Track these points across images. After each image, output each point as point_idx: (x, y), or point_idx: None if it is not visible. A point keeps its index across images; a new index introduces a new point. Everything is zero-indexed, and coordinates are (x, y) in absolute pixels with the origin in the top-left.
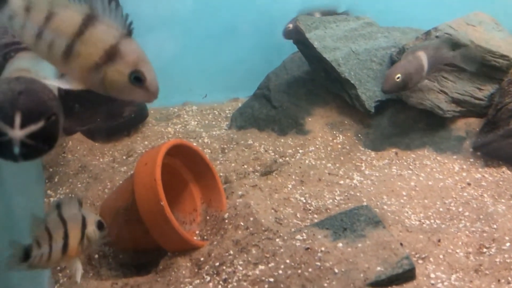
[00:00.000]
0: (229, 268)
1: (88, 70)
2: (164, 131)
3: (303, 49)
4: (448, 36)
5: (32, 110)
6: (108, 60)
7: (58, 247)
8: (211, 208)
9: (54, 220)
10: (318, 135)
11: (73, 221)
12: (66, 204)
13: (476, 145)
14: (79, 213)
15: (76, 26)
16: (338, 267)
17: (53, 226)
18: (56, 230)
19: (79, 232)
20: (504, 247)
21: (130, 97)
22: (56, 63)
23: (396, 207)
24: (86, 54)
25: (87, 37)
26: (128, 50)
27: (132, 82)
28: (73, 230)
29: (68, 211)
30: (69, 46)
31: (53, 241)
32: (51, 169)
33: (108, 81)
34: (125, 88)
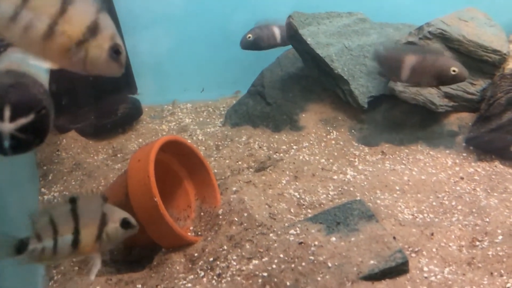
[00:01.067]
0: (223, 263)
1: (69, 49)
2: (158, 129)
3: (297, 45)
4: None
5: (22, 103)
6: (90, 37)
7: (65, 242)
8: (205, 204)
9: (63, 214)
10: (312, 131)
11: (89, 217)
12: (84, 199)
13: (469, 139)
14: (98, 210)
15: (57, 4)
16: (331, 261)
17: (60, 220)
18: (63, 224)
19: (96, 228)
20: (496, 240)
21: (106, 72)
22: (33, 46)
23: (389, 201)
24: (69, 32)
25: (69, 15)
26: (106, 25)
27: (111, 56)
28: (88, 226)
29: (85, 207)
30: (51, 26)
31: (58, 234)
32: (45, 167)
33: (90, 58)
34: (104, 63)
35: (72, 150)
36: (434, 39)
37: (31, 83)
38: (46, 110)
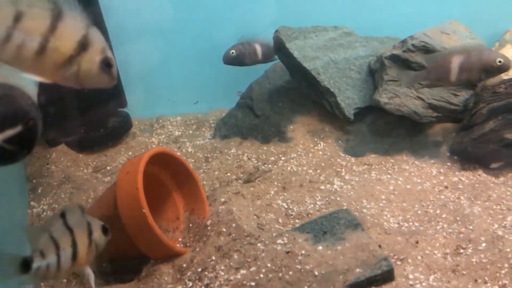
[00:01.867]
0: (211, 273)
1: (62, 65)
2: (148, 142)
3: (284, 59)
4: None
5: (9, 115)
6: (81, 51)
7: (67, 256)
8: (194, 215)
9: (60, 228)
10: (299, 142)
11: (80, 228)
12: (69, 212)
13: (453, 149)
14: (84, 220)
15: (47, 22)
16: (318, 269)
17: (59, 234)
18: (63, 239)
19: (87, 238)
20: (480, 247)
21: (98, 85)
22: (26, 64)
23: (375, 210)
24: (61, 48)
25: (60, 32)
26: (96, 39)
27: (103, 69)
28: (81, 237)
29: (73, 219)
30: (42, 44)
31: (60, 250)
32: (34, 180)
33: (82, 72)
34: (96, 76)
35: (61, 164)
36: (417, 51)
37: (19, 95)
38: (33, 121)
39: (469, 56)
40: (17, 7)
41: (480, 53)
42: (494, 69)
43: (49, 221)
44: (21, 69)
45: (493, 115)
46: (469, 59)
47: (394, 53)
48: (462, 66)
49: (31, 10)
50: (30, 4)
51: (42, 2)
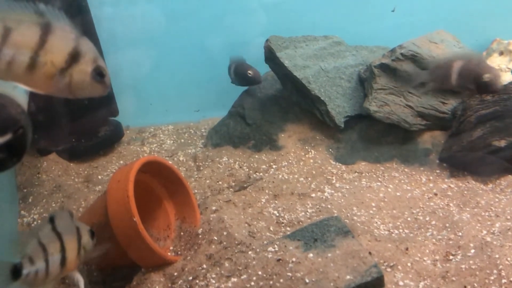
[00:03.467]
0: (202, 281)
1: (54, 77)
2: (139, 150)
3: (275, 68)
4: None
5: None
6: (73, 63)
7: (56, 261)
8: (185, 224)
9: (48, 234)
10: (291, 151)
11: (69, 233)
12: (58, 217)
13: (442, 156)
14: (72, 225)
15: (37, 36)
16: (309, 277)
17: (48, 240)
18: (52, 244)
19: (76, 243)
20: (469, 253)
21: (92, 94)
22: (18, 79)
23: (365, 217)
24: (52, 62)
25: (50, 45)
26: (87, 49)
27: (95, 79)
28: (70, 243)
29: (62, 224)
30: (33, 58)
31: (49, 255)
32: (25, 189)
33: (74, 83)
34: (89, 86)
35: (52, 173)
36: (406, 60)
37: (9, 103)
38: (23, 129)
39: (469, 63)
40: (5, 24)
41: (478, 63)
42: (482, 84)
43: (38, 226)
44: (13, 82)
45: (481, 122)
46: (468, 66)
47: (383, 62)
48: (461, 71)
49: (20, 26)
50: (18, 20)
51: (30, 16)
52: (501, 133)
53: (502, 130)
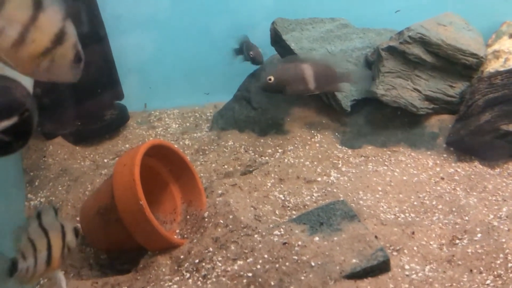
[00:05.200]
0: (209, 264)
1: (38, 57)
2: (145, 134)
3: (281, 50)
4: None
5: (5, 106)
6: (57, 44)
7: (43, 259)
8: (191, 207)
9: (36, 230)
10: (296, 135)
11: (54, 231)
12: (44, 213)
13: (449, 140)
14: (57, 222)
15: (29, 11)
16: (314, 260)
17: (36, 236)
18: (39, 241)
19: (61, 241)
20: (475, 238)
21: (68, 79)
22: (3, 53)
23: (371, 201)
24: (39, 40)
25: (40, 22)
26: (71, 32)
27: (74, 64)
28: (56, 240)
29: (48, 220)
30: (22, 34)
31: (37, 252)
32: (31, 173)
33: (56, 65)
34: (66, 70)
35: (58, 156)
36: (414, 43)
37: (14, 86)
38: (29, 112)
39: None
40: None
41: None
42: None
43: (27, 221)
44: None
45: (489, 106)
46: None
47: (391, 45)
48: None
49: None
50: None
51: None
52: (510, 117)
53: (511, 114)
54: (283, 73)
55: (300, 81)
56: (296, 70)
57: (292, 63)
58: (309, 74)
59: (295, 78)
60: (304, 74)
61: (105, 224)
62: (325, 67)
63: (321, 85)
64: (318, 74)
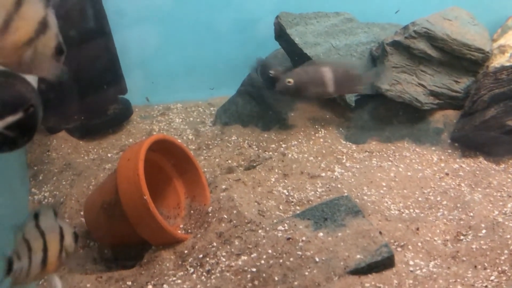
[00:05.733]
0: (213, 259)
1: (21, 47)
2: (148, 129)
3: (285, 45)
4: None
5: (10, 101)
6: (40, 34)
7: (37, 261)
8: (195, 202)
9: (32, 230)
10: (300, 130)
11: (52, 233)
12: (43, 213)
13: (454, 136)
14: (56, 224)
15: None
16: (318, 255)
17: (31, 237)
18: (35, 242)
19: (58, 244)
20: (480, 234)
21: (47, 72)
22: None
23: (376, 197)
24: (24, 28)
25: (24, 10)
26: (52, 21)
27: (56, 55)
28: (53, 243)
29: (46, 221)
30: (6, 22)
31: (32, 253)
32: (35, 167)
33: (38, 56)
34: (48, 62)
35: (62, 151)
36: (419, 38)
37: (19, 81)
38: (34, 108)
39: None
40: None
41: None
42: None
43: (24, 221)
44: None
45: (495, 102)
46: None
47: (396, 40)
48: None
49: None
50: None
51: None
52: None
53: None
54: (303, 76)
55: (320, 84)
56: (315, 73)
57: (311, 66)
58: (328, 77)
59: (314, 81)
60: (324, 77)
61: (109, 219)
62: (344, 70)
63: (340, 88)
64: (337, 77)
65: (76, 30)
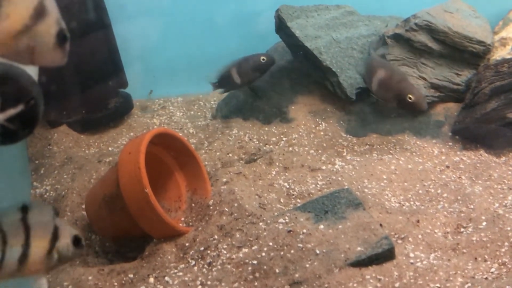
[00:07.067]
0: (214, 252)
1: (15, 35)
2: (149, 122)
3: (286, 38)
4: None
5: (11, 94)
6: (37, 20)
7: (13, 256)
8: (196, 195)
9: (14, 223)
10: (301, 123)
11: (40, 230)
12: (36, 209)
13: (455, 129)
14: (50, 223)
15: None
16: (319, 248)
17: (11, 229)
18: (14, 235)
19: (47, 243)
20: (480, 226)
21: (51, 62)
22: None
23: (376, 190)
24: (16, 15)
25: None
26: (51, 6)
27: (58, 43)
28: (38, 240)
29: (37, 218)
30: None
31: (7, 247)
32: (37, 161)
33: (38, 45)
34: (50, 51)
35: (63, 144)
36: (420, 30)
37: (20, 74)
38: (35, 100)
39: (389, 76)
40: None
41: (399, 80)
42: (406, 103)
43: (5, 212)
44: None
45: (496, 94)
46: (388, 79)
47: (397, 32)
48: (381, 83)
49: None
50: None
51: None
52: None
53: None
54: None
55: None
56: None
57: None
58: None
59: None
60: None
61: (111, 212)
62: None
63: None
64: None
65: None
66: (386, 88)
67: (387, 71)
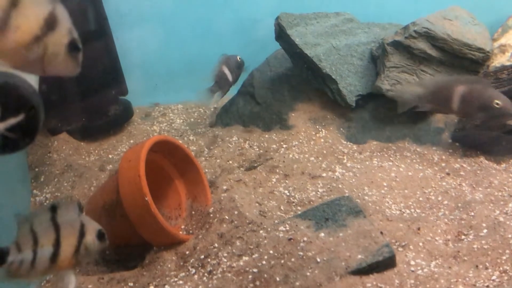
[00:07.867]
0: (214, 260)
1: (26, 46)
2: (149, 130)
3: (285, 46)
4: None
5: (12, 103)
6: (48, 31)
7: (45, 255)
8: (196, 203)
9: (44, 223)
10: (301, 130)
11: (69, 228)
12: (63, 207)
13: (455, 136)
14: (77, 220)
15: None
16: (320, 256)
17: (41, 229)
18: (45, 235)
19: (75, 240)
20: (481, 233)
21: (63, 72)
22: None
23: (377, 197)
24: (26, 27)
25: (24, 6)
26: (63, 17)
27: (70, 53)
28: (68, 238)
29: (65, 216)
30: (3, 20)
31: (38, 246)
32: (36, 168)
33: (48, 55)
34: (62, 61)
35: (63, 152)
36: (419, 37)
37: (20, 83)
38: (36, 110)
39: (470, 89)
40: None
41: (480, 89)
42: (494, 110)
43: (36, 212)
44: None
45: None
46: (470, 93)
47: (396, 40)
48: (463, 98)
49: None
50: None
51: None
52: None
53: None
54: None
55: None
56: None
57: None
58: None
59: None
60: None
61: (111, 220)
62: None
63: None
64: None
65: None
66: (470, 101)
67: (466, 85)
